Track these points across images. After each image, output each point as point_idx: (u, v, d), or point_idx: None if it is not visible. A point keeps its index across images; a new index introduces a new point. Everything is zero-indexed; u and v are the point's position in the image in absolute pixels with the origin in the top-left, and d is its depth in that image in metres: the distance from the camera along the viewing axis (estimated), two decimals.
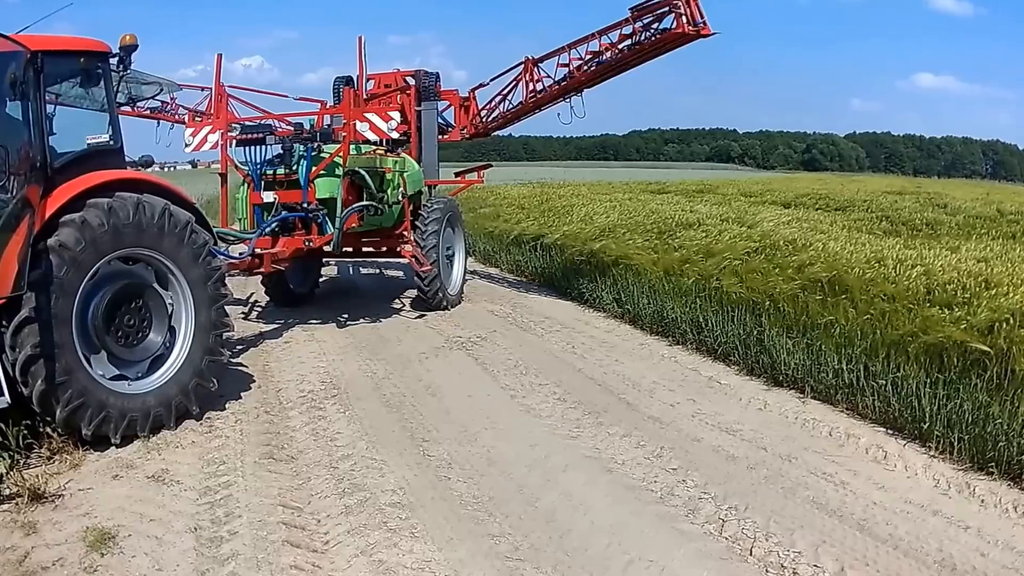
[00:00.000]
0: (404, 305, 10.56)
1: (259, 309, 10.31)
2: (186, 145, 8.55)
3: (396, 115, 8.52)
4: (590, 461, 5.34)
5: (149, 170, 6.71)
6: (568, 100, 10.72)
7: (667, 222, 10.93)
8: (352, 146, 8.96)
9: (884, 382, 5.84)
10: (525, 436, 5.80)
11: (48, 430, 5.26)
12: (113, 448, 5.39)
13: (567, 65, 10.39)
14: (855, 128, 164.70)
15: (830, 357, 6.37)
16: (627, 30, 9.65)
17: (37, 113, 5.06)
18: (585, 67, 10.17)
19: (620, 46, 9.80)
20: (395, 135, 8.62)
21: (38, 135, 5.06)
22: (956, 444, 5.16)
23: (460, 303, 10.59)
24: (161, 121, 10.73)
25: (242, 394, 6.74)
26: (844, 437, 5.72)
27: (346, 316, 9.77)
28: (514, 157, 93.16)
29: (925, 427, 5.40)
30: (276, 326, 9.26)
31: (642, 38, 9.53)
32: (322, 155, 8.39)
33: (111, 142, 5.70)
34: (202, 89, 10.41)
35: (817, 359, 6.49)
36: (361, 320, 9.60)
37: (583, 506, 4.66)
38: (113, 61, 5.67)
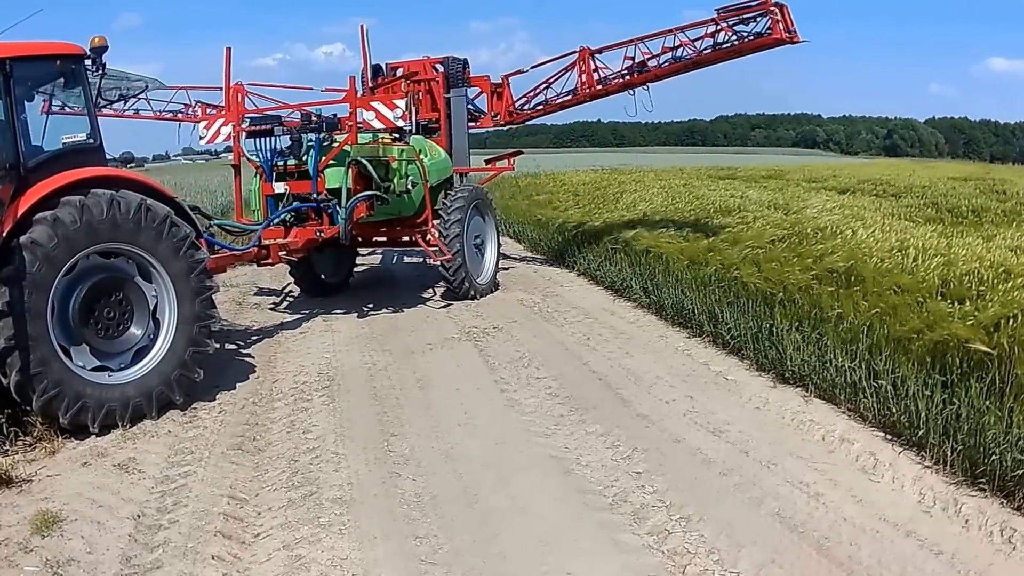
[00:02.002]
0: (435, 295, 10.49)
1: (291, 299, 10.52)
2: (200, 138, 8.79)
3: (402, 103, 8.43)
4: (553, 461, 5.10)
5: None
6: (632, 93, 10.57)
7: (707, 209, 10.42)
8: (370, 135, 8.95)
9: (884, 383, 5.27)
10: (497, 432, 5.61)
11: (36, 419, 5.51)
12: (93, 436, 5.56)
13: (632, 58, 10.28)
14: (934, 113, 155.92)
15: (835, 353, 5.82)
16: (711, 29, 9.60)
17: (8, 116, 5.26)
18: (658, 62, 10.09)
19: (700, 44, 9.73)
20: (401, 123, 8.54)
21: (10, 137, 5.27)
22: (950, 454, 4.58)
23: (493, 292, 10.43)
24: (183, 123, 11.18)
25: (238, 384, 6.86)
26: (837, 442, 5.21)
27: (371, 306, 9.83)
28: (603, 143, 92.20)
29: (920, 434, 4.83)
30: (299, 316, 9.42)
31: (731, 39, 9.47)
32: (332, 145, 8.42)
33: (90, 140, 5.88)
34: (213, 88, 10.84)
35: (822, 355, 5.96)
36: (384, 310, 9.62)
37: (525, 509, 4.45)
38: (87, 63, 5.82)
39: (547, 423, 5.77)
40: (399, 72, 10.99)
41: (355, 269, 11.68)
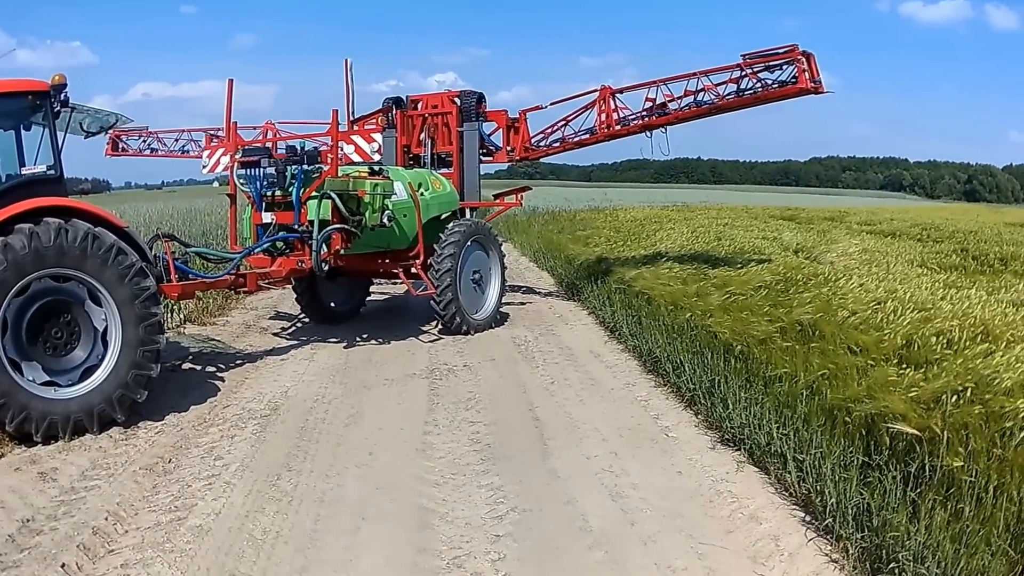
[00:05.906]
0: (433, 328, 10.36)
1: (298, 326, 10.67)
2: (203, 167, 9.20)
3: (379, 137, 8.51)
4: (420, 513, 4.80)
5: None
6: (650, 135, 10.49)
7: (721, 249, 9.88)
8: (363, 167, 9.02)
9: (806, 456, 4.66)
10: (388, 477, 5.38)
11: None
12: (39, 445, 5.84)
13: (653, 100, 10.21)
14: (1012, 160, 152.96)
15: (770, 418, 5.23)
16: (735, 74, 9.55)
17: None
18: (679, 105, 10.05)
19: (723, 90, 9.67)
20: (377, 156, 8.59)
21: None
22: (851, 549, 3.95)
23: (490, 328, 10.21)
24: None
25: (192, 406, 6.93)
26: (744, 520, 4.62)
27: (365, 336, 9.83)
28: (703, 180, 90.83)
29: (826, 522, 4.21)
30: (292, 343, 9.53)
31: (755, 86, 9.43)
32: (314, 177, 8.55)
33: (50, 172, 6.25)
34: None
35: (759, 419, 5.37)
36: (373, 341, 9.60)
37: (350, 563, 4.20)
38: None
39: (446, 471, 5.48)
40: (419, 105, 11.12)
41: (372, 298, 11.78)
